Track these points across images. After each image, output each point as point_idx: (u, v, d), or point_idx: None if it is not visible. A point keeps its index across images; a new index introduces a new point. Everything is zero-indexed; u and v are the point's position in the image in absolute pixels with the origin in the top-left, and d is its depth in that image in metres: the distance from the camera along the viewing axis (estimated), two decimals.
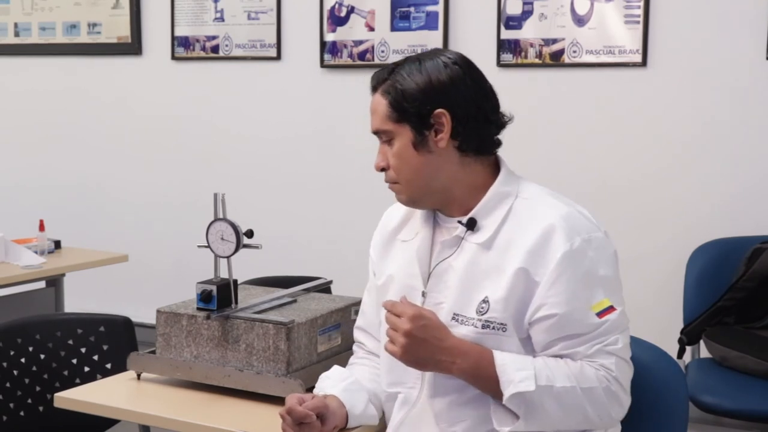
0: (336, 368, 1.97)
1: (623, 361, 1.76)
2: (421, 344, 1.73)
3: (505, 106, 1.90)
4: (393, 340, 1.75)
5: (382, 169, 1.89)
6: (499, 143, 1.87)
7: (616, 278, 1.79)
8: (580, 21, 3.87)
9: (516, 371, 1.71)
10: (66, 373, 2.67)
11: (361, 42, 4.31)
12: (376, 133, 1.87)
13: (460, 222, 1.83)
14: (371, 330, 2.03)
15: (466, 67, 1.85)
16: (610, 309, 1.75)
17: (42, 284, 3.82)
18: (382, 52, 4.25)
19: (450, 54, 1.87)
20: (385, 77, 1.84)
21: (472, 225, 1.82)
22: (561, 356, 1.75)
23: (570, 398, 1.71)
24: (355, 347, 2.08)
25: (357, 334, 2.07)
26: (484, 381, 1.73)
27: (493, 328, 1.75)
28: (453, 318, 1.79)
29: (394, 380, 1.89)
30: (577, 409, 1.72)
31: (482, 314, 1.76)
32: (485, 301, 1.76)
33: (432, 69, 1.82)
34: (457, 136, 1.81)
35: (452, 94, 1.81)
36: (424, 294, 1.85)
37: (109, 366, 2.66)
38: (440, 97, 1.81)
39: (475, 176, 1.85)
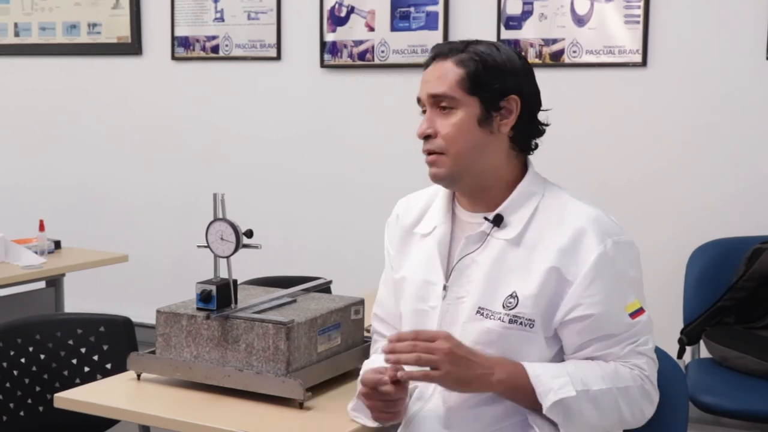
0: (377, 356, 1.93)
1: (653, 362, 1.79)
2: (462, 362, 1.71)
3: (546, 114, 1.91)
4: (433, 364, 1.69)
5: (427, 137, 1.85)
6: (535, 147, 1.90)
7: (641, 281, 1.83)
8: (580, 21, 3.87)
9: (552, 379, 1.71)
10: (66, 373, 2.67)
11: (361, 42, 4.31)
12: (436, 97, 1.82)
13: (486, 218, 1.83)
14: (390, 320, 2.02)
15: (531, 67, 1.89)
16: (641, 311, 1.78)
17: (42, 284, 3.82)
18: (382, 52, 4.25)
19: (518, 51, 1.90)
20: (460, 48, 1.83)
21: (498, 221, 1.82)
22: (593, 358, 1.76)
23: (606, 400, 1.72)
24: (375, 336, 2.07)
25: (376, 324, 2.07)
26: (521, 392, 1.73)
27: (521, 323, 1.76)
28: (478, 312, 1.79)
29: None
30: (613, 410, 1.73)
31: (510, 309, 1.76)
32: (513, 296, 1.77)
33: (511, 54, 1.84)
34: (518, 126, 1.83)
35: (525, 86, 1.84)
36: (445, 288, 1.85)
37: (109, 366, 2.66)
38: (517, 83, 1.82)
39: (511, 172, 1.86)
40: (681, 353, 3.26)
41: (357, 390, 1.87)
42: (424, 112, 1.88)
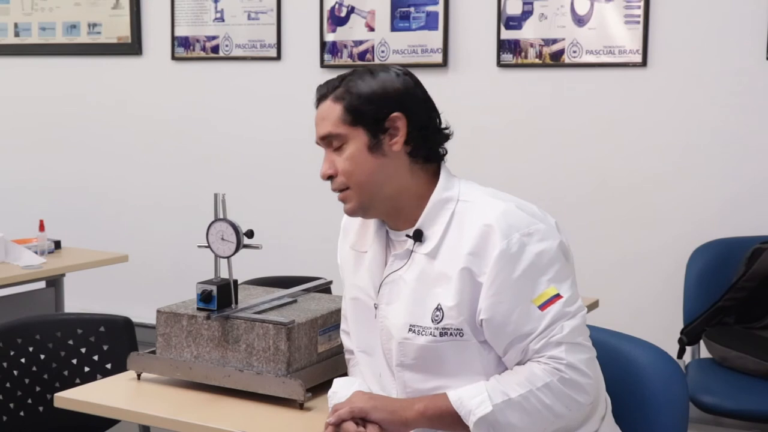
0: (339, 381, 1.95)
1: (574, 345, 1.74)
2: (377, 397, 1.79)
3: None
4: (350, 404, 1.76)
5: (329, 177, 1.88)
6: (444, 153, 1.89)
7: (564, 266, 1.78)
8: (580, 21, 3.87)
9: (471, 399, 1.72)
10: (66, 373, 2.67)
11: (361, 42, 4.31)
12: (325, 138, 1.88)
13: (408, 235, 1.84)
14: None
15: (415, 79, 1.89)
16: (555, 298, 1.74)
17: (42, 284, 3.81)
18: (382, 52, 4.25)
19: (398, 67, 1.91)
20: (336, 84, 1.87)
21: (419, 236, 1.83)
22: (518, 363, 1.76)
23: (530, 403, 1.71)
24: (346, 354, 2.07)
25: (344, 340, 2.06)
26: (449, 417, 1.74)
27: (451, 334, 1.77)
28: (410, 330, 1.80)
29: (378, 390, 1.90)
30: (542, 410, 1.72)
31: (438, 322, 1.77)
32: (438, 309, 1.78)
33: (385, 77, 1.85)
34: (410, 141, 1.83)
35: (406, 100, 1.84)
36: (376, 306, 1.87)
37: (109, 366, 2.66)
38: (395, 102, 1.83)
39: (421, 184, 1.86)
40: (681, 353, 3.26)
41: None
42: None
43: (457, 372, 1.78)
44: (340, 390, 1.90)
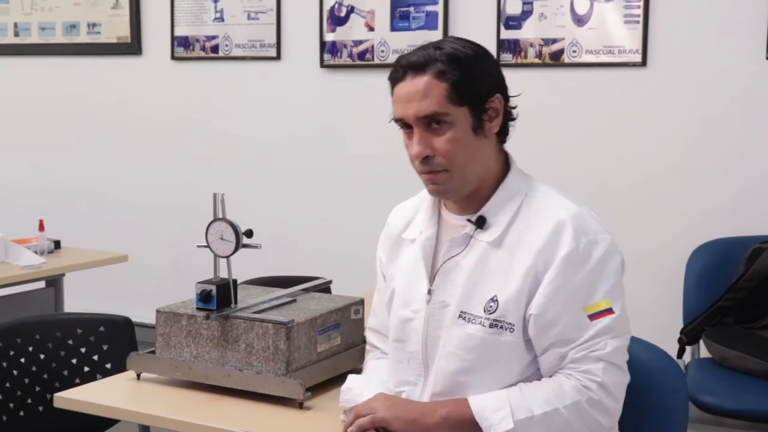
0: (354, 378, 1.93)
1: (612, 366, 1.71)
2: (400, 404, 1.76)
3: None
4: (374, 412, 1.74)
5: (426, 157, 1.78)
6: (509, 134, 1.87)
7: (619, 284, 1.76)
8: (579, 21, 3.87)
9: (493, 413, 1.68)
10: (66, 373, 2.67)
11: (360, 42, 4.31)
12: (426, 118, 1.76)
13: (469, 220, 1.80)
14: (383, 330, 2.00)
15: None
16: (607, 312, 1.71)
17: (42, 284, 3.81)
18: (382, 52, 4.25)
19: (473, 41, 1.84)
20: (434, 57, 1.75)
21: (481, 223, 1.79)
22: (553, 367, 1.73)
23: (553, 421, 1.68)
24: (368, 347, 2.06)
25: (370, 337, 2.05)
26: (469, 426, 1.70)
27: (501, 327, 1.73)
28: (460, 316, 1.77)
29: (399, 379, 1.89)
30: (564, 429, 1.68)
31: (490, 313, 1.74)
32: (494, 300, 1.74)
33: (480, 52, 1.79)
34: (503, 123, 1.81)
35: (502, 80, 1.81)
36: (430, 292, 1.83)
37: (109, 366, 2.66)
38: (496, 82, 1.80)
39: (500, 169, 1.83)
40: (681, 353, 3.26)
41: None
42: (404, 127, 1.84)
43: (492, 367, 1.75)
44: (356, 387, 1.88)
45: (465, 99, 1.75)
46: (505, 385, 1.74)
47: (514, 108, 1.85)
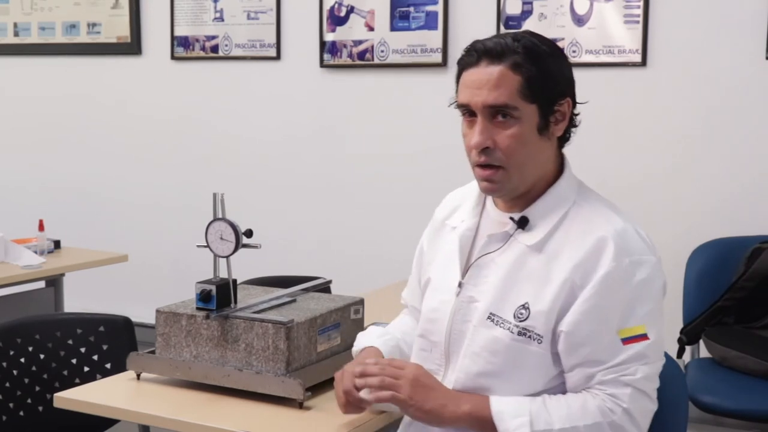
0: (372, 327, 1.99)
1: (640, 393, 1.67)
2: (425, 390, 1.72)
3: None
4: (395, 389, 1.72)
5: (485, 148, 1.72)
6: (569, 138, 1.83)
7: (658, 308, 1.70)
8: (579, 21, 3.87)
9: (511, 419, 1.65)
10: (66, 373, 2.67)
11: (360, 42, 4.31)
12: (494, 107, 1.70)
13: (512, 218, 1.76)
14: (415, 299, 2.03)
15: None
16: (642, 337, 1.66)
17: (42, 284, 3.82)
18: (382, 52, 4.25)
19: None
20: (513, 48, 1.70)
21: (523, 223, 1.75)
22: (578, 386, 1.69)
23: None
24: (404, 304, 2.12)
25: (403, 299, 2.10)
26: (488, 426, 1.68)
27: (530, 337, 1.69)
28: (489, 317, 1.73)
29: None
30: None
31: (521, 320, 1.70)
32: (525, 307, 1.70)
33: (556, 52, 1.75)
34: (567, 128, 1.77)
35: (573, 83, 1.77)
36: (460, 285, 1.80)
37: (108, 366, 2.66)
38: (568, 84, 1.76)
39: (555, 172, 1.80)
40: (681, 353, 3.26)
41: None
42: (466, 114, 1.76)
43: (516, 373, 1.71)
44: (365, 337, 1.96)
45: (536, 96, 1.70)
46: (528, 394, 1.71)
47: (577, 115, 1.81)
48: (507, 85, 1.69)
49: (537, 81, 1.70)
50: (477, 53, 1.72)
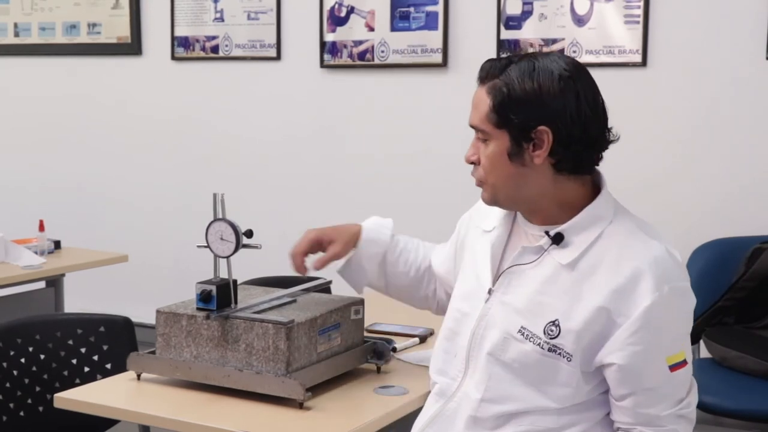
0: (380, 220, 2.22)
1: (689, 423, 1.74)
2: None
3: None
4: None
5: (472, 163, 1.80)
6: (598, 161, 1.78)
7: (689, 332, 1.76)
8: (580, 21, 3.87)
9: None
10: (66, 373, 2.67)
11: (360, 42, 4.31)
12: (472, 127, 1.78)
13: (547, 233, 1.76)
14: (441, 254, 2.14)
15: (581, 82, 1.76)
16: (683, 363, 1.71)
17: (42, 284, 3.81)
18: (382, 52, 4.25)
19: (567, 63, 1.76)
20: (497, 71, 1.73)
21: (558, 239, 1.75)
22: (630, 415, 1.72)
23: None
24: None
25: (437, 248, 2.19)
26: None
27: (560, 354, 1.70)
28: (519, 331, 1.74)
29: (439, 368, 1.88)
30: None
31: (551, 338, 1.70)
32: (555, 324, 1.71)
33: (545, 78, 1.70)
34: (555, 155, 1.71)
35: (560, 112, 1.70)
36: (490, 292, 1.81)
37: (109, 366, 2.66)
38: (547, 113, 1.70)
39: (567, 193, 1.77)
40: None
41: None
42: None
43: (547, 387, 1.73)
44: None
45: (504, 123, 1.72)
46: (558, 407, 1.73)
47: (607, 132, 1.77)
48: (481, 107, 1.75)
49: (502, 108, 1.71)
50: (480, 72, 1.79)
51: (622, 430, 1.74)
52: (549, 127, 1.70)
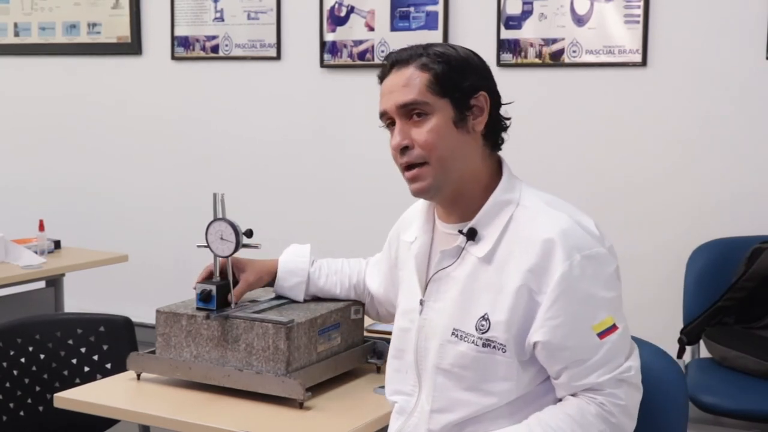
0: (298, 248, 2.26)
1: (634, 387, 1.71)
2: None
3: (505, 106, 1.88)
4: None
5: (404, 149, 1.77)
6: (503, 142, 1.83)
7: (618, 296, 1.73)
8: (579, 21, 3.87)
9: None
10: (66, 373, 2.67)
11: (360, 42, 4.31)
12: (405, 106, 1.75)
13: (460, 231, 1.77)
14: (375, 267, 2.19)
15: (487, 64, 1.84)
16: (613, 328, 1.69)
17: (42, 284, 3.82)
18: (382, 52, 4.25)
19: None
20: (419, 52, 1.76)
21: (472, 235, 1.75)
22: (569, 389, 1.70)
23: None
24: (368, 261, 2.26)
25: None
26: None
27: (494, 347, 1.70)
28: (453, 333, 1.74)
29: (395, 388, 1.88)
30: None
31: (483, 332, 1.71)
32: (485, 318, 1.71)
33: (469, 53, 1.80)
34: (488, 124, 1.77)
35: (490, 80, 1.80)
36: (422, 302, 1.82)
37: (109, 366, 2.66)
38: (482, 79, 1.78)
39: (487, 173, 1.79)
40: (681, 353, 3.26)
41: None
42: (389, 125, 1.82)
43: (490, 385, 1.72)
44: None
45: (447, 90, 1.74)
46: (505, 402, 1.72)
47: (508, 119, 1.83)
48: (416, 83, 1.74)
49: (445, 76, 1.74)
50: (389, 63, 1.80)
51: (564, 398, 1.73)
52: (486, 93, 1.77)
